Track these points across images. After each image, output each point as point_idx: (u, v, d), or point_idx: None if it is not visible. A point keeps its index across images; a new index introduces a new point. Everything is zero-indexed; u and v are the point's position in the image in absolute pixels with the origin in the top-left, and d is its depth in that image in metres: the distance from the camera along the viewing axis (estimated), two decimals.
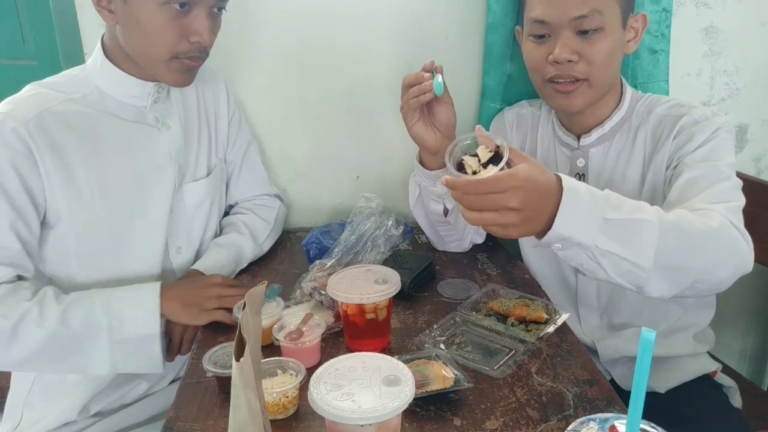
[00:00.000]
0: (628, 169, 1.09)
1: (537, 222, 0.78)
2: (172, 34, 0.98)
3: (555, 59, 1.01)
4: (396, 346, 0.96)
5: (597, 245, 0.78)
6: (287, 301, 1.03)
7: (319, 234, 1.25)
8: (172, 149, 1.12)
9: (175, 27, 0.98)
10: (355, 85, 1.43)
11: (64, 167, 0.99)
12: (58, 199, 0.99)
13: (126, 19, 0.98)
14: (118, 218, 1.05)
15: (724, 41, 1.44)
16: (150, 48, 0.99)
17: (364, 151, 1.49)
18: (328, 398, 0.63)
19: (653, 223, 0.80)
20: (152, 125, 1.10)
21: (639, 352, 0.53)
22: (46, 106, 0.99)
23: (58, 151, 0.98)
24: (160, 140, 1.11)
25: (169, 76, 1.03)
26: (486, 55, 1.37)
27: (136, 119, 1.08)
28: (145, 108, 1.09)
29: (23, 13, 1.42)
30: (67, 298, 0.97)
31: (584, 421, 0.60)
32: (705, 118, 0.99)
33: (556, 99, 1.06)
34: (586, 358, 0.92)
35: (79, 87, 1.05)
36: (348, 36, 1.40)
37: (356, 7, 1.37)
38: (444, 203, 1.17)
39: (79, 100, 1.03)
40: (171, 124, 1.13)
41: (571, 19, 0.99)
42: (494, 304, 1.03)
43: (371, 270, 0.98)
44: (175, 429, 0.79)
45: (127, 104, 1.07)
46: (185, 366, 0.94)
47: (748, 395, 1.21)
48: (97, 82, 1.05)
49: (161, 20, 0.96)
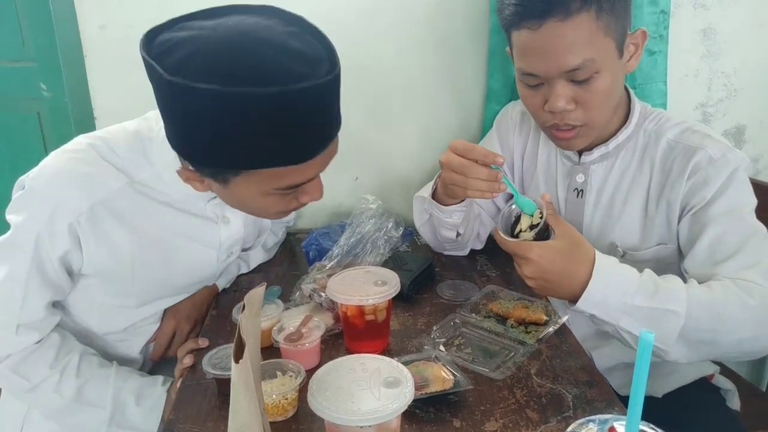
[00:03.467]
0: (631, 193, 1.05)
1: (567, 293, 0.86)
2: (279, 207, 0.90)
3: (551, 110, 0.95)
4: (395, 348, 0.96)
5: (619, 324, 0.84)
6: (287, 303, 1.04)
7: (319, 236, 1.25)
8: (226, 242, 1.08)
9: (282, 202, 0.89)
10: (355, 86, 1.43)
11: (110, 250, 0.95)
12: (95, 265, 0.95)
13: (225, 196, 0.90)
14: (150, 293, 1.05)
15: (722, 42, 1.44)
16: (254, 213, 0.96)
17: (363, 153, 1.49)
18: (328, 400, 0.64)
19: (679, 315, 0.82)
20: (211, 219, 1.04)
21: (638, 353, 0.53)
22: (101, 197, 0.91)
23: (107, 237, 0.93)
24: (216, 233, 1.05)
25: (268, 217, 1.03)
26: (490, 57, 1.36)
27: (196, 212, 1.02)
28: (207, 202, 1.01)
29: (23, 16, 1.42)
30: (86, 372, 0.97)
31: (584, 423, 0.60)
32: (721, 155, 0.94)
33: (557, 141, 1.03)
34: (586, 359, 0.93)
35: (140, 169, 0.95)
36: (348, 36, 1.40)
37: (356, 7, 1.37)
38: (457, 230, 1.16)
39: (139, 186, 0.95)
40: (231, 218, 1.07)
41: (563, 72, 0.91)
42: (494, 305, 1.03)
43: (371, 271, 0.99)
44: (175, 431, 0.79)
45: (188, 195, 0.98)
46: None
47: (746, 396, 1.21)
48: (159, 169, 0.95)
49: (268, 202, 0.87)
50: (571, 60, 0.90)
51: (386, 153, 1.48)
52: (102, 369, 0.99)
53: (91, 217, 0.91)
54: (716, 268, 0.89)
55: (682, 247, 0.99)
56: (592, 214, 1.10)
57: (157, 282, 1.04)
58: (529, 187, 1.22)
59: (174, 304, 1.10)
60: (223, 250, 1.09)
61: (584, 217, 1.11)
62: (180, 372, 0.95)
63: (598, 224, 1.09)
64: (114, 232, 0.94)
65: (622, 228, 1.06)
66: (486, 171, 0.94)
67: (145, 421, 0.98)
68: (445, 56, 1.41)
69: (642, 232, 1.04)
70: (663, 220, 1.01)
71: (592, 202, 1.10)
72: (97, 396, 0.97)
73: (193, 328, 1.11)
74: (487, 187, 0.95)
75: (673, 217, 1.00)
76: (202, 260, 1.07)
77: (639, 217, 1.05)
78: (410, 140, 1.48)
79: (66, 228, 0.89)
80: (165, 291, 1.08)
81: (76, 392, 0.96)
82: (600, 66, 0.91)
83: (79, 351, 0.99)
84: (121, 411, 0.97)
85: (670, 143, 1.01)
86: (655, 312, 0.82)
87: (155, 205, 0.97)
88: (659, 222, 1.02)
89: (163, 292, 1.07)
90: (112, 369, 1.00)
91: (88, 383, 0.97)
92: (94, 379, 0.98)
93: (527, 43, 0.93)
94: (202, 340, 0.97)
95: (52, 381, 0.95)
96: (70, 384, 0.96)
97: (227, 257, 1.12)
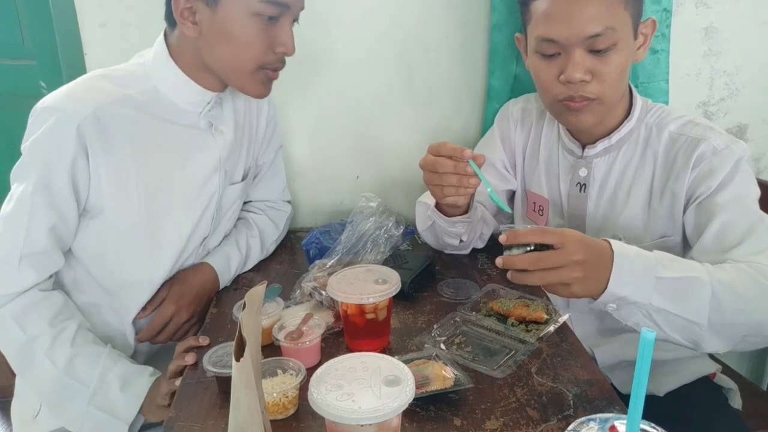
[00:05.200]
0: (635, 186, 1.06)
1: (595, 281, 0.80)
2: (261, 45, 0.99)
3: (567, 80, 0.95)
4: (396, 346, 0.96)
5: (651, 303, 0.81)
6: (287, 301, 1.03)
7: (319, 234, 1.25)
8: (223, 154, 1.12)
9: (264, 38, 0.98)
10: (355, 85, 1.43)
11: (116, 165, 0.99)
12: (104, 195, 0.99)
13: (213, 31, 0.98)
14: (161, 219, 1.05)
15: (723, 41, 1.44)
16: (238, 59, 1.00)
17: (364, 151, 1.49)
18: (328, 398, 0.63)
19: (705, 281, 0.81)
20: (205, 130, 1.09)
21: (639, 351, 0.53)
22: (104, 101, 0.97)
23: (112, 148, 0.97)
24: (213, 145, 1.10)
25: (252, 87, 1.03)
26: (491, 55, 1.36)
27: (190, 124, 1.07)
28: (199, 114, 1.08)
29: (23, 13, 1.43)
30: (81, 344, 0.99)
31: (584, 421, 0.60)
32: (725, 146, 0.96)
33: (566, 116, 1.03)
34: (586, 358, 0.92)
35: (138, 83, 1.03)
36: (347, 36, 1.40)
37: (355, 6, 1.37)
38: (461, 237, 1.16)
39: (136, 97, 1.01)
40: (224, 130, 1.12)
41: (584, 39, 0.93)
42: (494, 304, 1.03)
43: (371, 270, 0.98)
44: (175, 429, 0.79)
45: (182, 108, 1.06)
46: None
47: (747, 395, 1.21)
48: (156, 82, 1.04)
49: (252, 31, 0.97)
50: (593, 26, 0.92)
51: (387, 151, 1.48)
52: (95, 346, 1.00)
53: (95, 121, 0.95)
54: (726, 255, 0.90)
55: (689, 237, 0.99)
56: (595, 208, 1.10)
57: (167, 208, 1.05)
58: (531, 183, 1.22)
59: (177, 289, 1.10)
60: (222, 163, 1.12)
61: (587, 211, 1.11)
62: (176, 367, 0.95)
63: (601, 218, 1.10)
64: (117, 140, 0.98)
65: (626, 221, 1.06)
66: (452, 163, 0.94)
67: (125, 409, 0.98)
68: (446, 55, 1.41)
69: (645, 225, 1.05)
70: (667, 212, 1.02)
71: (594, 196, 1.10)
72: (86, 372, 0.97)
73: (189, 320, 1.11)
74: (457, 180, 0.95)
75: (678, 207, 1.00)
76: (203, 175, 1.09)
77: (642, 210, 1.05)
78: (411, 139, 1.47)
79: (74, 132, 0.94)
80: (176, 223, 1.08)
81: (67, 362, 0.96)
82: (618, 38, 0.93)
83: (78, 321, 1.01)
84: (104, 392, 0.97)
85: (673, 135, 1.02)
86: (680, 282, 0.81)
87: (153, 119, 1.03)
88: (663, 214, 1.02)
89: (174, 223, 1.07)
90: (105, 348, 1.00)
91: (79, 356, 0.97)
92: (87, 354, 0.98)
93: (551, 8, 0.94)
94: (202, 338, 0.97)
95: (46, 340, 0.96)
96: (64, 351, 0.96)
97: (225, 177, 1.14)
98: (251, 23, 0.96)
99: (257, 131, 1.25)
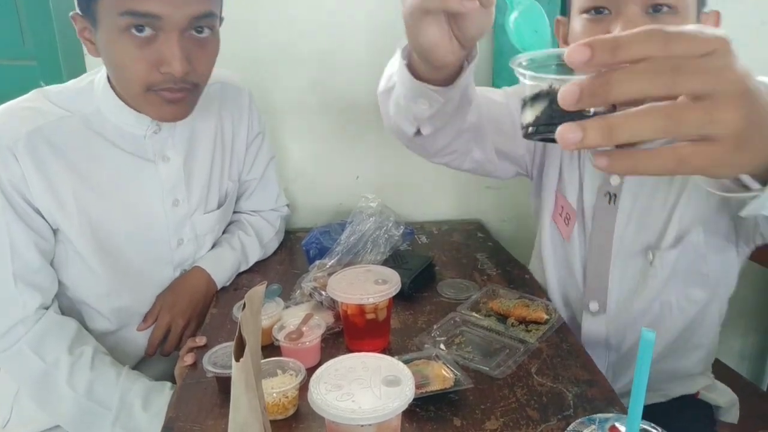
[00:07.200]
0: (670, 194, 0.97)
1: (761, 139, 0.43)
2: (140, 65, 0.89)
3: None
4: (396, 347, 0.96)
5: None
6: (287, 302, 1.04)
7: (319, 234, 1.25)
8: (167, 184, 1.07)
9: (142, 57, 0.88)
10: (355, 85, 1.43)
11: (52, 192, 0.95)
12: (55, 218, 0.97)
13: (102, 52, 0.92)
14: (112, 244, 1.03)
15: None
16: (122, 80, 0.94)
17: (364, 152, 1.49)
18: (328, 398, 0.63)
19: None
20: (148, 159, 1.04)
21: (639, 351, 0.53)
22: (39, 124, 0.94)
23: (47, 173, 0.94)
24: (154, 175, 1.05)
25: (151, 110, 0.96)
26: (496, 56, 1.35)
27: (132, 150, 1.02)
28: (144, 138, 1.03)
29: (23, 14, 1.42)
30: (99, 367, 0.99)
31: (584, 422, 0.60)
32: None
33: None
34: (586, 358, 0.92)
35: (82, 103, 0.99)
36: (349, 35, 1.40)
37: (355, 6, 1.37)
38: (420, 128, 0.85)
39: (76, 119, 0.98)
40: (171, 156, 1.06)
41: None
42: (494, 304, 1.03)
43: (371, 270, 0.98)
44: (175, 429, 0.79)
45: (127, 132, 1.01)
46: None
47: (746, 396, 1.21)
48: (99, 103, 1.00)
49: (126, 49, 0.88)
50: None
51: (387, 152, 1.48)
52: (113, 367, 1.00)
53: (29, 143, 0.92)
54: None
55: None
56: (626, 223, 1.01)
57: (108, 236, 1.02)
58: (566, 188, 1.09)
59: (169, 298, 1.10)
60: (166, 193, 1.07)
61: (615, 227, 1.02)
62: (180, 371, 0.95)
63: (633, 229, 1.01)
64: (52, 164, 0.95)
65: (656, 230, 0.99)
66: None
67: (149, 427, 0.98)
68: None
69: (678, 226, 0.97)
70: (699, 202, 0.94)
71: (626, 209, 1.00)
72: (106, 395, 0.97)
73: (187, 325, 1.11)
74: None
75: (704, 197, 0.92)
76: (145, 204, 1.06)
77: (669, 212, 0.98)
78: None
79: (10, 155, 0.91)
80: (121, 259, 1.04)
81: (87, 386, 0.96)
82: (680, 3, 0.82)
83: (93, 345, 1.01)
84: (128, 412, 0.97)
85: None
86: None
87: (95, 140, 0.99)
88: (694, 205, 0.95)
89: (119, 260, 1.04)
90: (123, 369, 1.01)
91: (99, 379, 0.97)
92: (106, 376, 0.98)
93: None
94: (199, 338, 0.97)
95: (65, 368, 0.95)
96: (84, 376, 0.96)
97: (173, 206, 1.09)
98: (123, 41, 0.87)
99: (233, 150, 1.20)
